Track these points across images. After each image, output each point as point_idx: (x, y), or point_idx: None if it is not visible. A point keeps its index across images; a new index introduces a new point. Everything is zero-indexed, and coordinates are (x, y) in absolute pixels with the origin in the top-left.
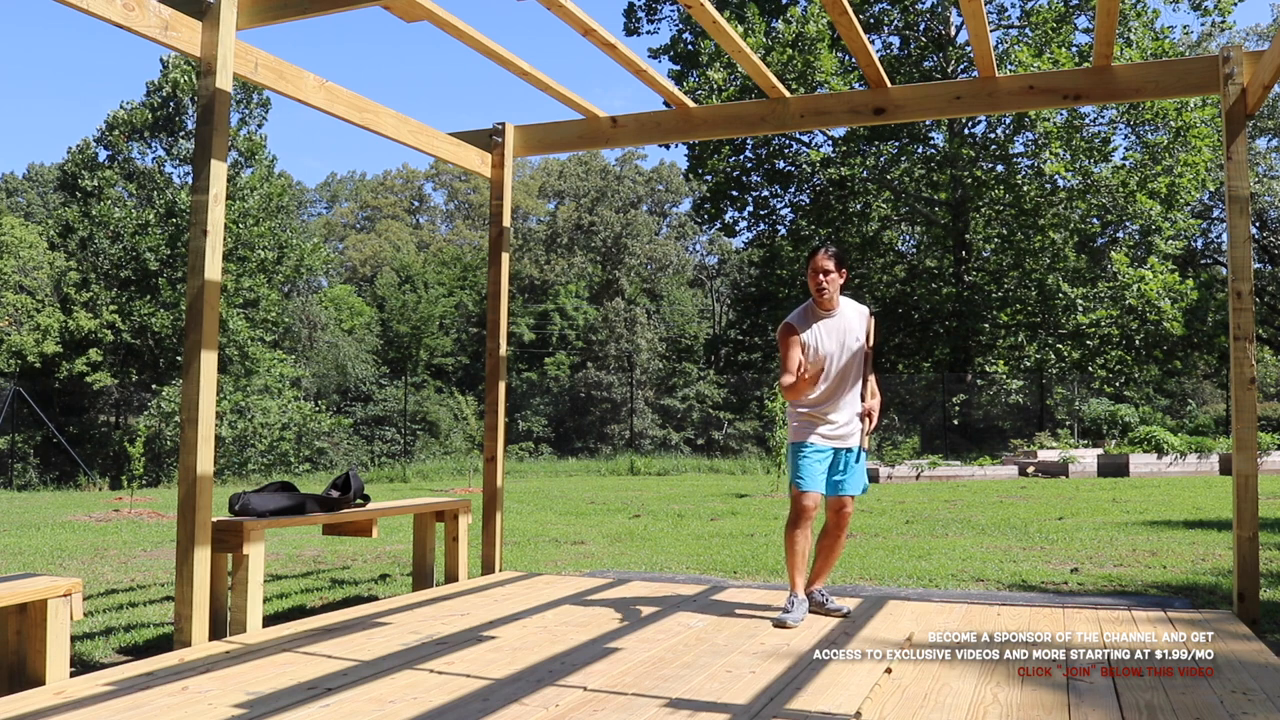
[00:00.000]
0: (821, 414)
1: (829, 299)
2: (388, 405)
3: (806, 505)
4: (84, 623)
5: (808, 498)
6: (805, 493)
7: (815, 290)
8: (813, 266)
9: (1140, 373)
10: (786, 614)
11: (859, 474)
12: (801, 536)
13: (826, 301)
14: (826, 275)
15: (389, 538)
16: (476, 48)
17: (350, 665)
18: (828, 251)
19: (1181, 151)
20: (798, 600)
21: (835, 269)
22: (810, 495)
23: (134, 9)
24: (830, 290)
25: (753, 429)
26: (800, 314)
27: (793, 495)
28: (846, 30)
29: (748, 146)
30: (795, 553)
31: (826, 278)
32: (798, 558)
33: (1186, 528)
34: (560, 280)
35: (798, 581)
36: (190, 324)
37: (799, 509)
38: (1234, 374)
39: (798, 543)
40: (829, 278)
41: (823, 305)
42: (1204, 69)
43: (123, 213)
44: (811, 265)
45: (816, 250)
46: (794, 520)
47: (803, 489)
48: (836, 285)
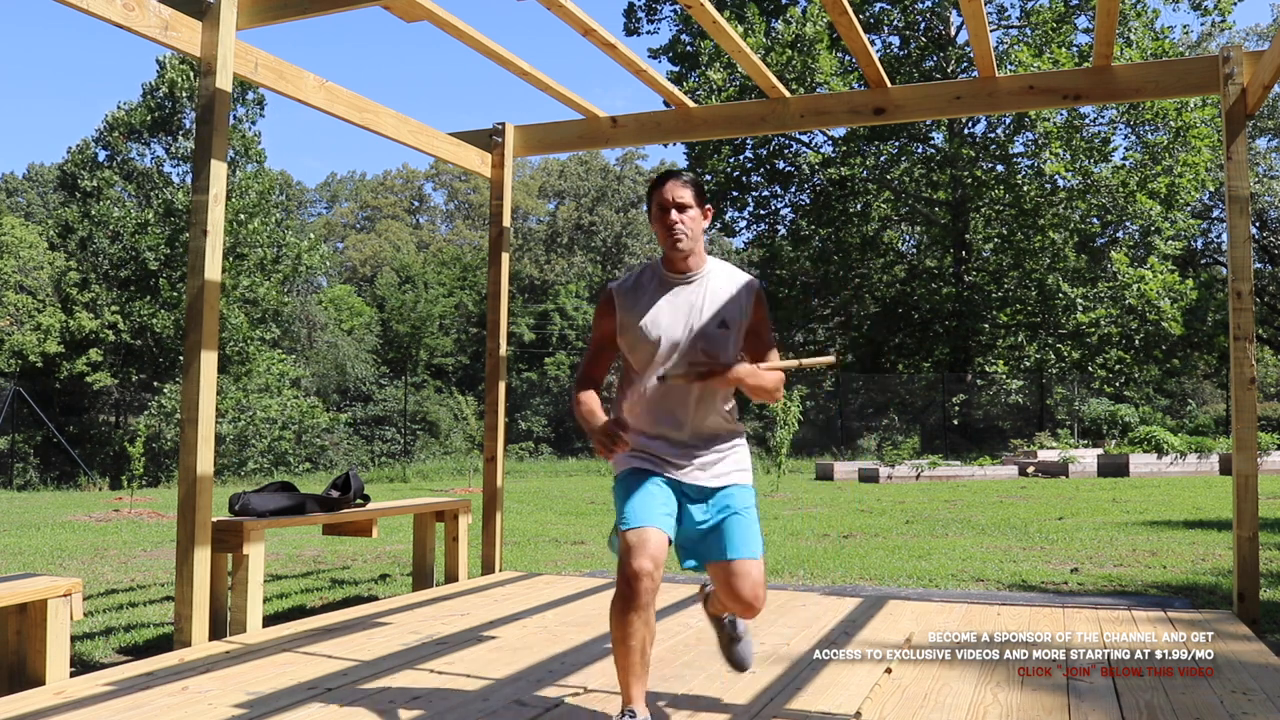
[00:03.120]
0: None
1: (686, 248)
2: (388, 405)
3: (637, 565)
4: (84, 623)
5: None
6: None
7: (664, 235)
8: (658, 201)
9: (1140, 373)
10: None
11: (749, 529)
12: (637, 621)
13: (681, 254)
14: (683, 211)
15: (389, 538)
16: (476, 48)
17: (350, 665)
18: (681, 179)
19: (1181, 151)
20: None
21: (695, 203)
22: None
23: (134, 9)
24: (688, 235)
25: (753, 429)
26: (633, 275)
27: (619, 552)
28: (846, 30)
29: (748, 146)
30: (624, 647)
31: (683, 215)
32: (631, 654)
33: (1186, 528)
34: (560, 280)
35: (632, 690)
36: (190, 324)
37: (625, 571)
38: (1234, 374)
39: (630, 630)
40: (686, 215)
41: (675, 261)
42: (1204, 69)
43: (122, 212)
44: (656, 200)
45: (663, 178)
46: (620, 592)
47: (628, 527)
48: (698, 228)
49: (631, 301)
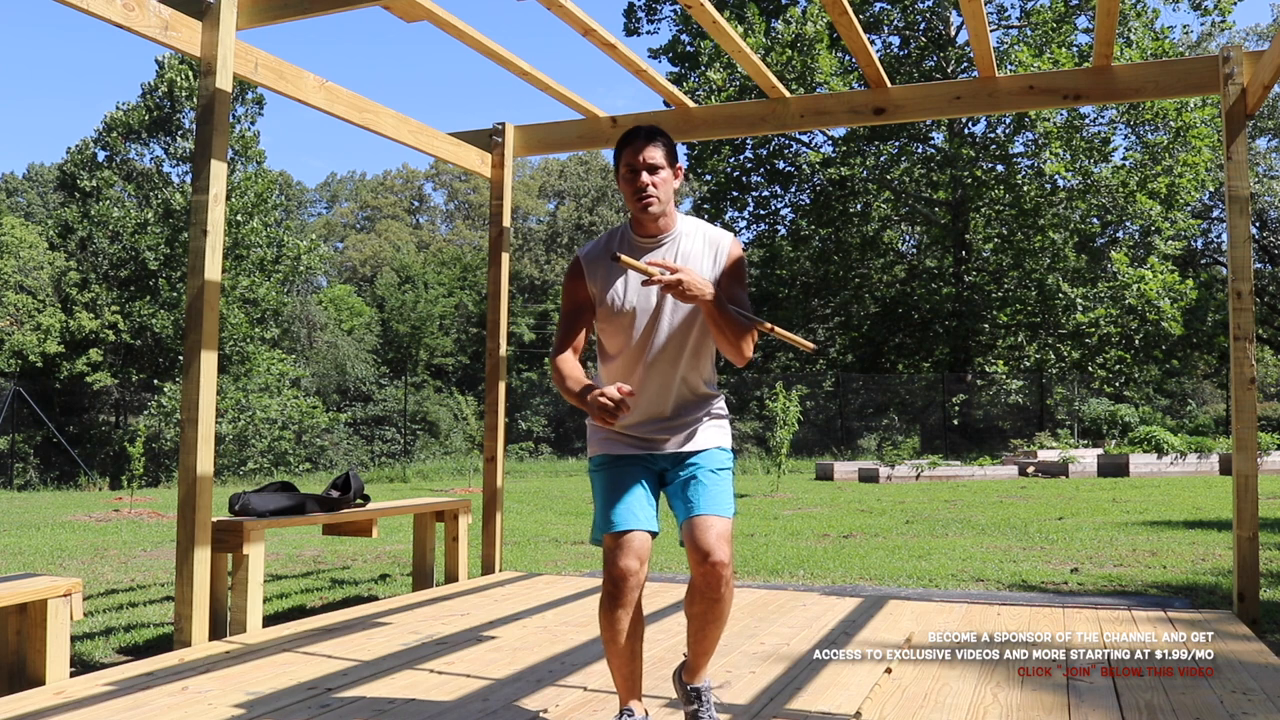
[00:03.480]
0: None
1: (656, 211)
2: (387, 405)
3: (620, 566)
4: (84, 623)
5: (621, 550)
6: (616, 540)
7: (633, 198)
8: (626, 161)
9: (1140, 373)
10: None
11: (716, 488)
12: (623, 618)
13: (652, 217)
14: (654, 173)
15: (389, 538)
16: (476, 48)
17: (350, 665)
18: (652, 138)
19: (1181, 151)
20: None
21: (666, 163)
22: (625, 544)
23: (134, 9)
24: (658, 198)
25: (753, 429)
26: (600, 242)
27: (604, 551)
28: (846, 30)
29: (748, 146)
30: (615, 646)
31: (654, 176)
32: (621, 654)
33: (1186, 528)
34: (560, 280)
35: (627, 689)
36: (190, 324)
37: (610, 574)
38: (1234, 374)
39: (618, 629)
40: (657, 177)
41: (645, 224)
42: (1204, 69)
43: (121, 212)
44: (625, 160)
45: (630, 135)
46: (606, 593)
47: (610, 530)
48: (669, 190)
49: (600, 271)
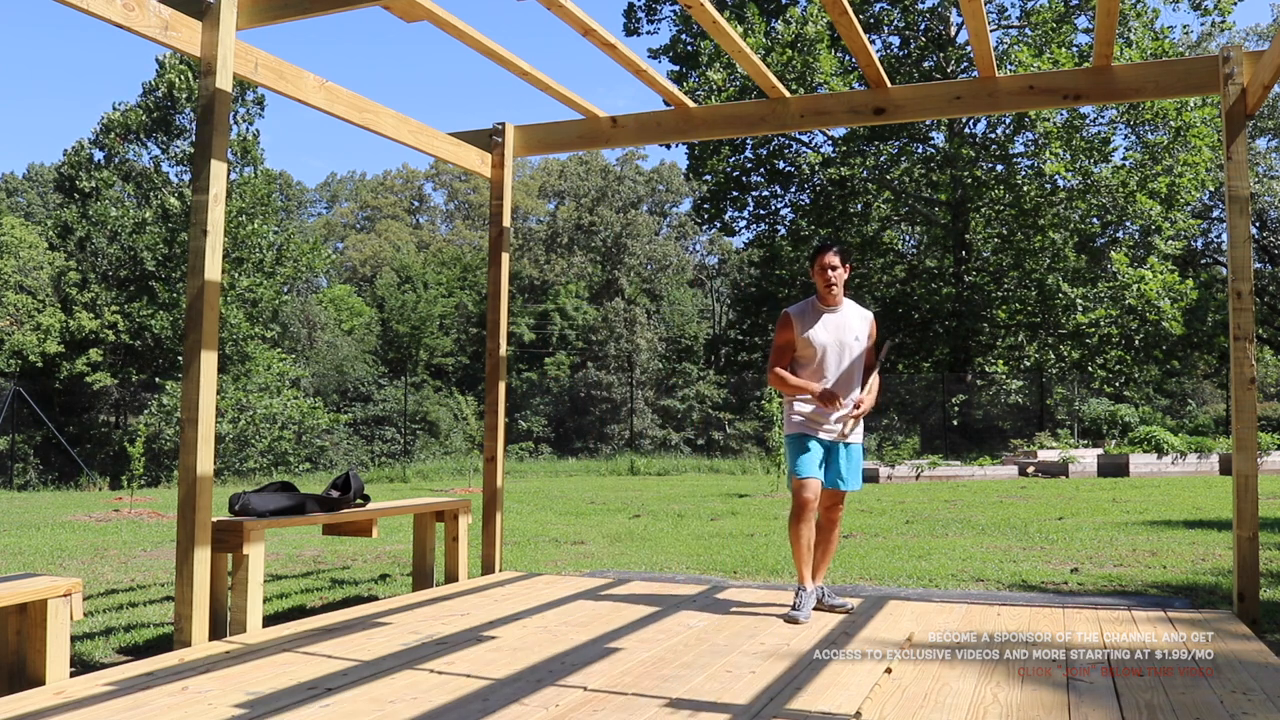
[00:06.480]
0: (819, 410)
1: (837, 294)
2: (387, 405)
3: (806, 496)
4: (84, 623)
5: (807, 488)
6: (804, 481)
7: (824, 286)
8: (820, 263)
9: (1140, 373)
10: (796, 610)
11: (855, 471)
12: (806, 529)
13: (834, 296)
14: (834, 270)
15: (389, 538)
16: (476, 48)
17: (350, 665)
18: (835, 248)
19: (1181, 151)
20: (806, 595)
21: (841, 264)
22: (809, 484)
23: (134, 9)
24: (838, 286)
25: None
26: (800, 306)
27: (793, 488)
28: (846, 30)
29: (748, 146)
30: (800, 545)
31: (834, 273)
32: (803, 550)
33: (1186, 528)
34: (560, 280)
35: (805, 574)
36: (190, 324)
37: (799, 500)
38: (1234, 374)
39: (802, 535)
40: (837, 273)
41: (828, 300)
42: (1204, 69)
43: (120, 213)
44: (819, 262)
45: (823, 247)
46: (795, 512)
47: (801, 476)
48: (843, 280)
49: (802, 322)
